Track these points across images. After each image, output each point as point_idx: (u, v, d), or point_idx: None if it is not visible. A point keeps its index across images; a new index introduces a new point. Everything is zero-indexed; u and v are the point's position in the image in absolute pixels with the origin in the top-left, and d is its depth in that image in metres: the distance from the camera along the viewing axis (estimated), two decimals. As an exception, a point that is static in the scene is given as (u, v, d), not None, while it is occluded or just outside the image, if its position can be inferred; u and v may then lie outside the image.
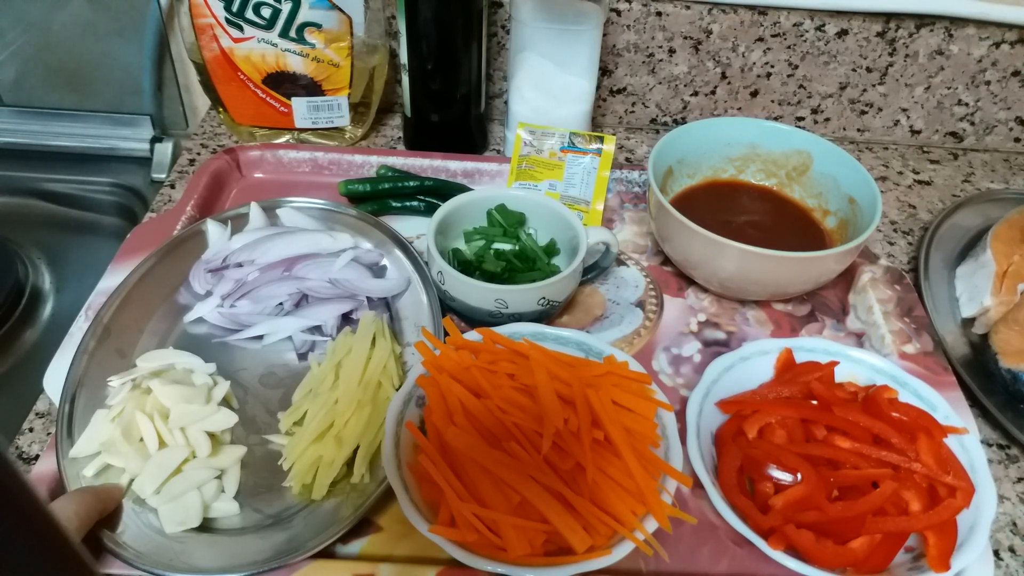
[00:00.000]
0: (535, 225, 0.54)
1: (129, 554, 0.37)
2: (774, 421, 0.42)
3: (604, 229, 0.51)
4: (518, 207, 0.53)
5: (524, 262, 0.51)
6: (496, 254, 0.52)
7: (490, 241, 0.53)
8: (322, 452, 0.41)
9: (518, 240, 0.53)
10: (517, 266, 0.51)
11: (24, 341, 0.63)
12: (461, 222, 0.53)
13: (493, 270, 0.50)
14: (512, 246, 0.52)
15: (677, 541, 0.40)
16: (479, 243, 0.53)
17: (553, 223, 0.52)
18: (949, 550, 0.37)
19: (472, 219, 0.53)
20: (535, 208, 0.53)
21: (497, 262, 0.50)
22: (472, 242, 0.53)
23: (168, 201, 0.62)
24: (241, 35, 0.59)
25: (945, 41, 0.66)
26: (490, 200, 0.53)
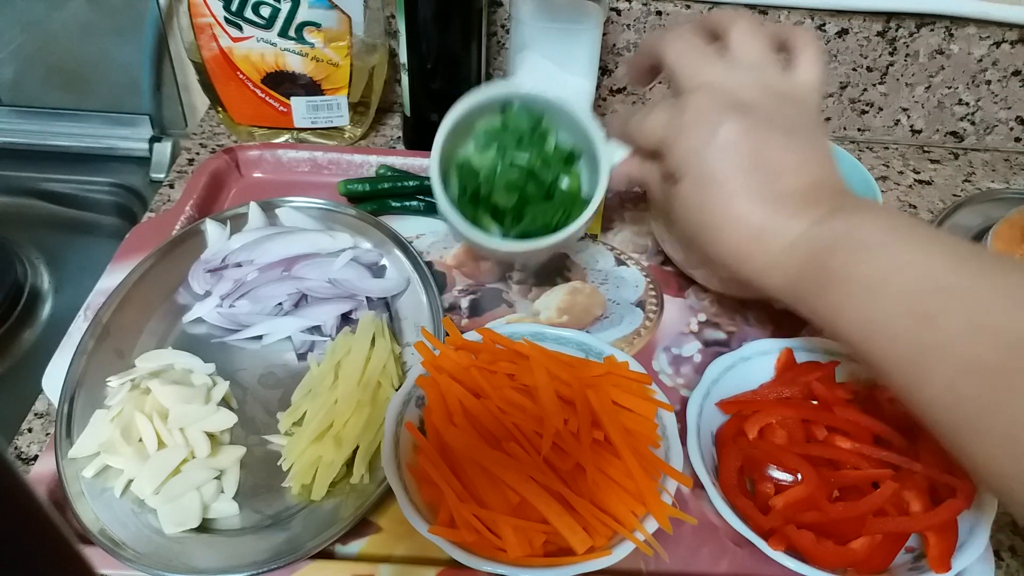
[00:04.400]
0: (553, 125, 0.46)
1: (128, 554, 0.37)
2: (775, 421, 0.42)
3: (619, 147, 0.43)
4: (536, 106, 0.45)
5: (539, 184, 0.44)
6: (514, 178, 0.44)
7: (503, 152, 0.44)
8: (321, 452, 0.41)
9: (536, 150, 0.44)
10: (531, 194, 0.44)
11: (23, 341, 0.62)
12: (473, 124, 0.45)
13: (504, 204, 0.44)
14: (528, 157, 0.44)
15: (677, 541, 0.40)
16: (490, 155, 0.45)
17: (572, 127, 0.45)
18: (950, 550, 0.37)
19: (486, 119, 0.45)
20: (555, 113, 0.44)
21: (509, 194, 0.43)
22: (483, 151, 0.45)
23: (167, 201, 0.62)
24: (240, 34, 0.59)
25: (946, 40, 0.66)
26: (504, 98, 0.44)
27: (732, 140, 0.36)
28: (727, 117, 0.37)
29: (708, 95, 0.38)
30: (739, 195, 0.36)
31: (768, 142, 0.37)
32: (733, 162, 0.36)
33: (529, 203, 0.44)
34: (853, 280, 0.33)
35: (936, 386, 0.31)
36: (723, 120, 0.37)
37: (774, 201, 0.36)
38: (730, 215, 0.37)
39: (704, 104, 0.37)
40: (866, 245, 0.33)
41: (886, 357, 0.33)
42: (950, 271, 0.31)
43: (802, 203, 0.36)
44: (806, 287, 0.35)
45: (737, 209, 0.36)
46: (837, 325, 0.34)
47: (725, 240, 0.37)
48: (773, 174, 0.36)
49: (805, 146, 0.37)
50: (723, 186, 0.37)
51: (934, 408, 0.32)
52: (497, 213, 0.44)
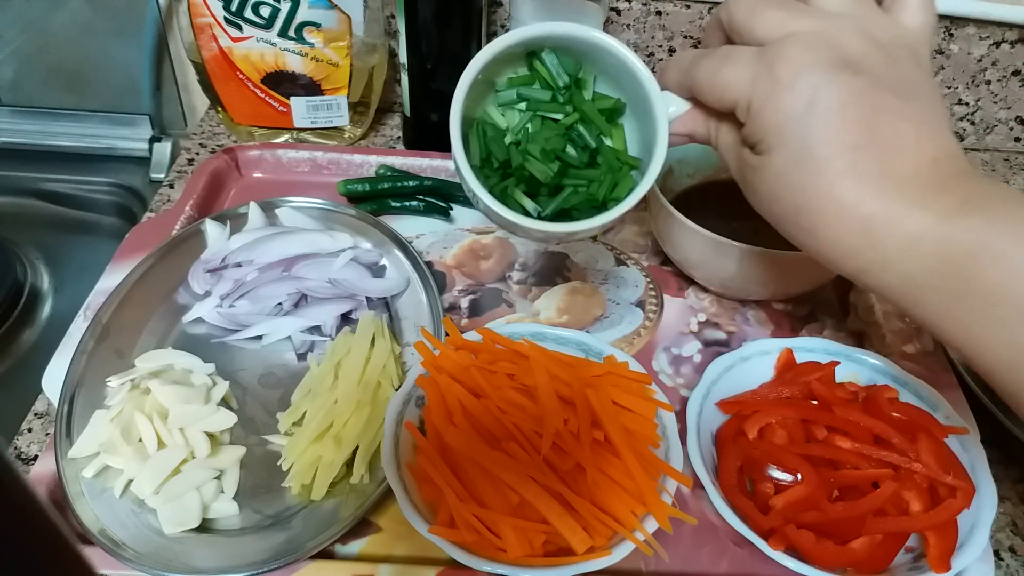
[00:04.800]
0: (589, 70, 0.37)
1: (128, 555, 0.37)
2: (774, 421, 0.42)
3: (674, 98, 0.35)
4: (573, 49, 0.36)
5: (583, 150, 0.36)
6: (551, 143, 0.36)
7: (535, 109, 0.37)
8: (321, 452, 0.41)
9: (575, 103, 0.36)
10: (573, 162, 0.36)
11: (23, 341, 0.62)
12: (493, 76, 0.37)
13: (542, 178, 0.36)
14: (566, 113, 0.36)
15: (677, 541, 0.40)
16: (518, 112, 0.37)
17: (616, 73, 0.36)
18: (949, 550, 0.37)
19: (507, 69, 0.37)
20: (594, 55, 0.36)
21: (547, 165, 0.35)
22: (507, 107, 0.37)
23: (167, 201, 0.62)
24: (240, 34, 0.59)
25: (945, 40, 0.66)
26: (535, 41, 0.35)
27: (839, 107, 0.29)
28: (832, 76, 0.29)
29: (804, 46, 0.30)
30: (847, 177, 0.30)
31: (883, 110, 0.30)
32: (841, 135, 0.29)
33: (570, 172, 0.36)
34: (1006, 302, 0.27)
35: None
36: (827, 80, 0.29)
37: (891, 186, 0.29)
38: (835, 201, 0.30)
39: (801, 58, 0.30)
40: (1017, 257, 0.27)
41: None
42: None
43: (925, 189, 0.29)
44: (932, 297, 0.29)
45: (844, 194, 0.30)
46: (971, 346, 0.29)
47: (826, 230, 0.31)
48: (890, 150, 0.30)
49: (924, 114, 0.31)
50: (827, 165, 0.30)
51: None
52: (531, 184, 0.36)
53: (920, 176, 0.29)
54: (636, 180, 0.35)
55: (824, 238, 0.31)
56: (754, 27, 0.32)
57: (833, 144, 0.30)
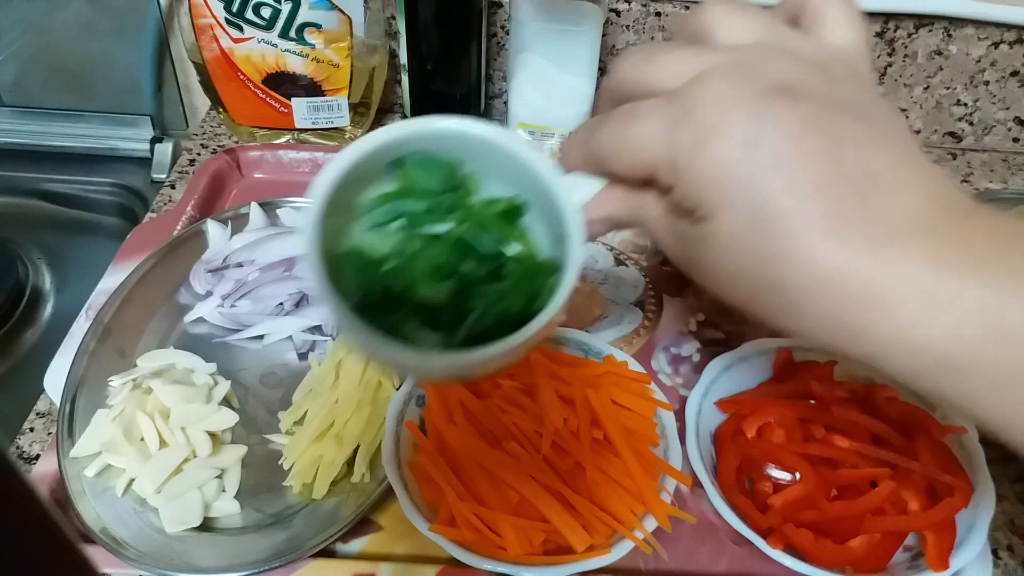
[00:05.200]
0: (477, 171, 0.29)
1: (130, 553, 0.37)
2: (773, 420, 0.42)
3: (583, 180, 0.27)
4: (445, 150, 0.28)
5: (482, 262, 0.29)
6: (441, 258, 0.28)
7: (413, 225, 0.29)
8: (322, 451, 0.41)
9: (461, 210, 0.29)
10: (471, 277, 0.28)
11: (25, 341, 0.63)
12: (355, 195, 0.28)
13: (436, 297, 0.28)
14: (452, 224, 0.29)
15: (676, 540, 0.40)
16: (394, 230, 0.29)
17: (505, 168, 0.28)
18: (948, 549, 0.37)
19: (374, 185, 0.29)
20: (471, 148, 0.28)
21: (440, 285, 0.28)
22: (380, 227, 0.29)
23: (168, 201, 0.62)
24: (241, 35, 0.59)
25: (944, 41, 0.66)
26: (394, 146, 0.27)
27: (788, 142, 0.22)
28: (769, 106, 0.22)
29: (723, 80, 0.23)
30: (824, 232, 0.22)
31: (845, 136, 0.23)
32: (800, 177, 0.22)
33: (472, 290, 0.28)
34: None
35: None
36: (764, 112, 0.22)
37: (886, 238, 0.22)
38: (816, 268, 0.22)
39: (724, 92, 0.23)
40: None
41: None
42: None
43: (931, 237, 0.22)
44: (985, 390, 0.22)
45: (826, 257, 0.22)
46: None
47: (814, 309, 0.23)
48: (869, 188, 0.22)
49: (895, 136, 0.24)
50: (794, 221, 0.22)
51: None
52: (428, 315, 0.28)
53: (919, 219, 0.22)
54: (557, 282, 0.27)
55: (814, 320, 0.23)
56: (651, 80, 0.25)
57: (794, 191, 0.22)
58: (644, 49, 0.26)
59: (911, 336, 0.22)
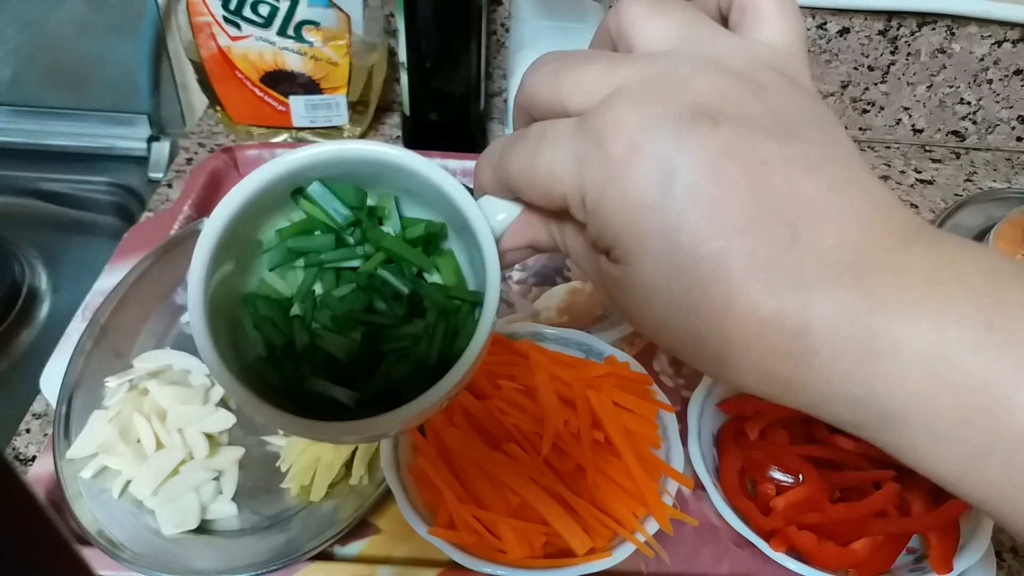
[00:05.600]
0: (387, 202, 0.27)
1: (126, 556, 0.37)
2: (775, 422, 0.42)
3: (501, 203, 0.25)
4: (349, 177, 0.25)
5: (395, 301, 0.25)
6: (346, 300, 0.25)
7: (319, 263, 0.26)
8: (320, 453, 0.40)
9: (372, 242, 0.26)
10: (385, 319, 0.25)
11: (20, 342, 0.62)
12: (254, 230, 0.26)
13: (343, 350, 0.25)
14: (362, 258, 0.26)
15: (678, 543, 0.40)
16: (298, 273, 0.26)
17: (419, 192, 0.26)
18: (951, 551, 0.37)
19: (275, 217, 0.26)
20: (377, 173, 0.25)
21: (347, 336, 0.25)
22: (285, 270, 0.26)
23: (165, 200, 0.61)
24: (239, 33, 0.59)
25: (947, 39, 0.66)
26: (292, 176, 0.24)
27: (706, 176, 0.20)
28: (684, 134, 0.20)
29: (635, 102, 0.21)
30: (749, 277, 0.20)
31: (768, 164, 0.20)
32: (721, 216, 0.20)
33: (385, 334, 0.25)
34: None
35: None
36: (678, 141, 0.20)
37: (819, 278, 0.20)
38: (743, 318, 0.20)
39: (635, 119, 0.20)
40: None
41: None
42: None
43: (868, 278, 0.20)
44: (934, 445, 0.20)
45: (754, 305, 0.20)
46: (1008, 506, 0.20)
47: (743, 361, 0.21)
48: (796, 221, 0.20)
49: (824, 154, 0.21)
50: (714, 266, 0.20)
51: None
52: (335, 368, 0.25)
53: (852, 251, 0.20)
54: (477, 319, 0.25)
55: (747, 372, 0.21)
56: (563, 99, 0.22)
57: (715, 232, 0.20)
58: (555, 61, 0.23)
59: (849, 388, 0.20)
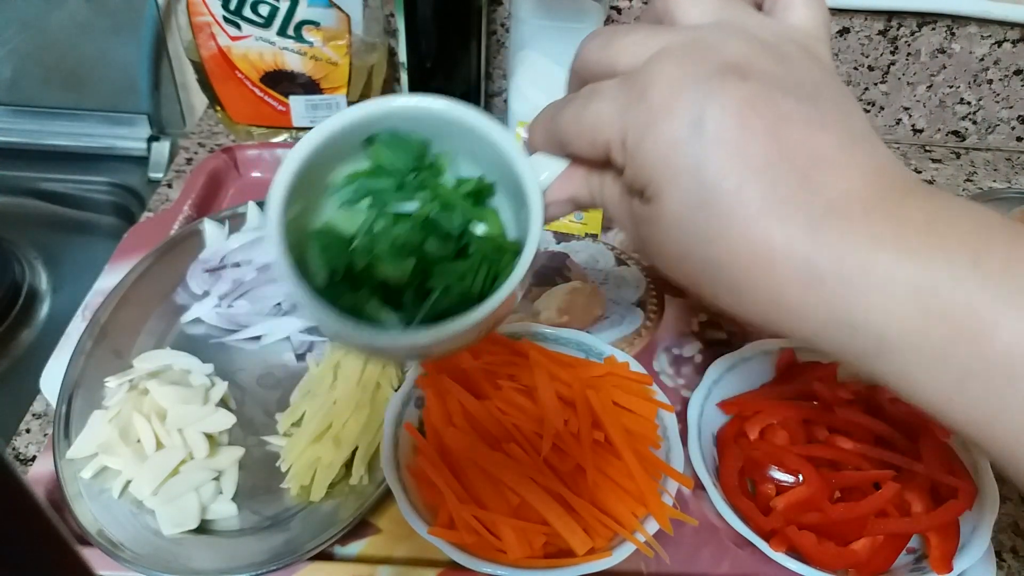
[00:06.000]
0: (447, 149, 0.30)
1: (126, 556, 0.37)
2: (776, 422, 0.42)
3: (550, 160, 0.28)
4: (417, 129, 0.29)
5: (443, 239, 0.29)
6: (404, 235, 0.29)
7: (381, 204, 0.29)
8: (320, 453, 0.40)
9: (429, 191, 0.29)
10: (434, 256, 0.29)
11: (21, 341, 0.62)
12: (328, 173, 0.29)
13: (395, 276, 0.28)
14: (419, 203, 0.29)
15: (678, 543, 0.40)
16: (363, 209, 0.29)
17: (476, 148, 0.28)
18: (951, 551, 0.37)
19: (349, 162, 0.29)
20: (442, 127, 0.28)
21: (401, 263, 0.28)
22: (351, 208, 0.29)
23: (165, 200, 0.61)
24: (239, 33, 0.59)
25: (947, 40, 0.66)
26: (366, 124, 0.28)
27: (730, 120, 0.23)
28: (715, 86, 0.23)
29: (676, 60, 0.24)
30: (766, 211, 0.23)
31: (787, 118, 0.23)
32: (744, 156, 0.23)
33: (434, 269, 0.29)
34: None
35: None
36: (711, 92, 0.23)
37: (826, 216, 0.22)
38: (758, 246, 0.23)
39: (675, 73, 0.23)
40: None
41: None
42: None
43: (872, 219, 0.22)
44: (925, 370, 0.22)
45: (768, 235, 0.23)
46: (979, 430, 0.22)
47: (756, 289, 0.24)
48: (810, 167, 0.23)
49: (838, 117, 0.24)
50: (737, 199, 0.23)
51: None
52: (389, 293, 0.29)
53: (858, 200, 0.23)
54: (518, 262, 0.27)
55: (758, 299, 0.24)
56: (613, 61, 0.26)
57: (737, 171, 0.23)
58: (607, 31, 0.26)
59: (850, 316, 0.22)
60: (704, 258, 0.24)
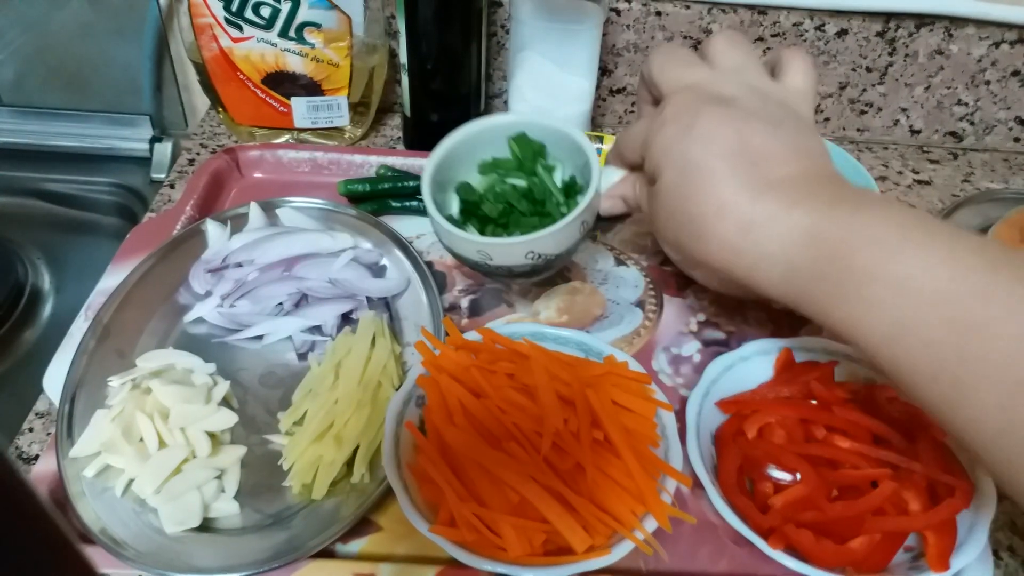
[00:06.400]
0: (559, 158, 0.47)
1: (129, 554, 0.37)
2: (774, 421, 0.42)
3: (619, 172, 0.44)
4: (538, 137, 0.46)
5: (532, 203, 0.46)
6: (506, 192, 0.46)
7: (503, 176, 0.47)
8: (322, 452, 0.41)
9: (533, 175, 0.46)
10: (520, 208, 0.45)
11: (24, 341, 0.63)
12: (477, 151, 0.47)
13: (490, 214, 0.45)
14: (525, 182, 0.46)
15: (677, 541, 0.40)
16: (491, 177, 0.47)
17: (574, 158, 0.45)
18: (948, 549, 0.37)
19: (491, 148, 0.47)
20: (557, 139, 0.45)
21: (495, 205, 0.45)
22: (485, 175, 0.48)
23: (168, 201, 0.62)
24: (240, 35, 0.59)
25: (945, 41, 0.66)
26: (508, 127, 0.46)
27: (712, 126, 0.35)
28: (708, 107, 0.35)
29: (687, 93, 0.37)
30: (726, 181, 0.34)
31: (751, 129, 0.34)
32: (715, 146, 0.34)
33: (515, 216, 0.45)
34: (877, 280, 0.30)
35: (983, 406, 0.28)
36: (703, 110, 0.35)
37: (765, 188, 0.33)
38: (717, 204, 0.34)
39: (682, 101, 0.36)
40: (884, 241, 0.30)
41: (918, 368, 0.29)
42: (985, 272, 0.28)
43: (796, 192, 0.33)
44: (814, 286, 0.32)
45: (724, 194, 0.34)
46: (855, 329, 0.31)
47: (713, 233, 0.34)
48: (760, 160, 0.34)
49: (793, 137, 0.35)
50: (706, 172, 0.34)
51: (980, 429, 0.28)
52: (485, 223, 0.46)
53: (791, 181, 0.33)
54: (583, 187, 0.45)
55: (713, 240, 0.34)
56: (659, 82, 0.39)
57: (710, 154, 0.34)
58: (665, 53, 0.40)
59: (768, 248, 0.33)
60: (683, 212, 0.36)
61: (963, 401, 0.28)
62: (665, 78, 0.39)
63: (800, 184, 0.33)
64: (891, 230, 0.30)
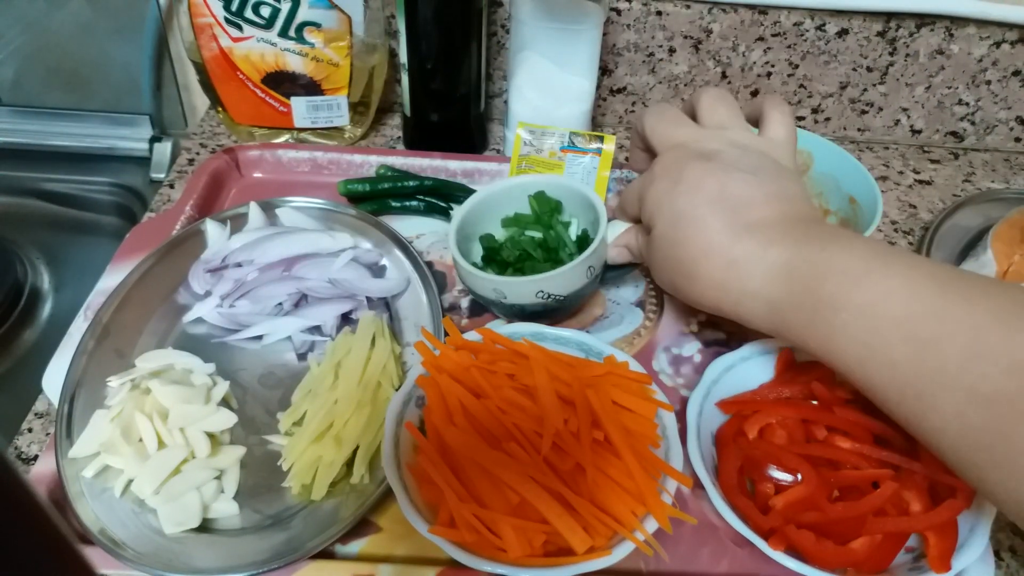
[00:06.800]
0: (574, 213, 0.52)
1: (128, 554, 0.37)
2: (775, 421, 0.42)
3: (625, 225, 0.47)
4: (555, 195, 0.51)
5: (546, 251, 0.51)
6: (523, 242, 0.51)
7: (522, 228, 0.52)
8: (321, 452, 0.41)
9: (549, 228, 0.51)
10: (535, 256, 0.50)
11: (23, 341, 0.63)
12: (501, 207, 0.52)
13: (507, 259, 0.50)
14: (540, 232, 0.52)
15: (677, 541, 0.40)
16: (512, 230, 0.53)
17: (587, 214, 0.50)
18: (950, 550, 0.37)
19: (514, 204, 0.52)
20: (572, 197, 0.51)
21: (513, 251, 0.50)
22: (507, 228, 0.53)
23: (167, 201, 0.62)
24: (240, 34, 0.59)
25: (946, 41, 0.66)
26: (530, 186, 0.52)
27: (696, 179, 0.39)
28: (690, 163, 0.39)
29: (675, 151, 0.41)
30: (710, 226, 0.38)
31: (731, 179, 0.38)
32: (700, 196, 0.38)
33: (531, 263, 0.50)
34: (845, 308, 0.33)
35: (943, 415, 0.30)
36: (686, 165, 0.39)
37: (745, 230, 0.37)
38: (704, 246, 0.38)
39: (671, 158, 0.41)
40: (850, 272, 0.33)
41: (887, 386, 0.33)
42: (937, 294, 0.31)
43: (773, 232, 0.37)
44: (792, 316, 0.35)
45: (710, 239, 0.37)
46: (831, 354, 0.34)
47: (701, 273, 0.38)
48: (740, 206, 0.38)
49: (771, 183, 0.39)
50: (693, 219, 0.38)
51: (943, 437, 0.31)
52: (503, 268, 0.50)
53: (769, 223, 0.37)
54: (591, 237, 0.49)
55: (702, 280, 0.38)
56: (651, 140, 0.43)
57: (696, 204, 0.38)
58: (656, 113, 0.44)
59: (750, 285, 0.37)
60: (675, 257, 0.39)
61: (927, 412, 0.31)
62: (656, 137, 0.43)
63: (776, 225, 0.37)
64: (854, 262, 0.34)
